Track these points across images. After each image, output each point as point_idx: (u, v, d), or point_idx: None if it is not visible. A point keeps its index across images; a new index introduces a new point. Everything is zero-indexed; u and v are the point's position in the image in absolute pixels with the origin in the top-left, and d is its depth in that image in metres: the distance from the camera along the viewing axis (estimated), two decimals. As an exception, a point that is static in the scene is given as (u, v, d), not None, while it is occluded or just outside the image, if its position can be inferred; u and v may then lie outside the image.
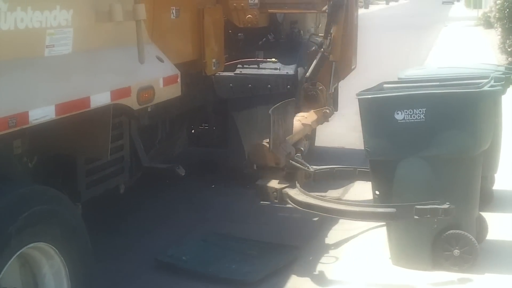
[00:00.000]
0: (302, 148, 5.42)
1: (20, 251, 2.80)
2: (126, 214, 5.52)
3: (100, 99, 3.16)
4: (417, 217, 4.21)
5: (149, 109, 3.93)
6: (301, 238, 5.03)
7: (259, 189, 4.73)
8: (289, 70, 6.19)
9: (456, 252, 4.15)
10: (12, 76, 2.72)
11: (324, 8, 5.94)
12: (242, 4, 5.78)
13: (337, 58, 5.85)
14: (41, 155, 3.50)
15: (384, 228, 4.42)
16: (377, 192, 4.35)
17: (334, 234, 5.18)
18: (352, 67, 6.16)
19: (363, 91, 4.38)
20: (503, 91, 4.63)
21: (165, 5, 4.37)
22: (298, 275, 4.42)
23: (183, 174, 4.58)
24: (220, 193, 6.17)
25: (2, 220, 2.68)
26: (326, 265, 4.50)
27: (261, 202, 4.88)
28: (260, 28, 6.02)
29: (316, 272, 4.40)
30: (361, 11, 23.88)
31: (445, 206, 4.06)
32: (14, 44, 2.73)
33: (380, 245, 4.57)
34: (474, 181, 4.25)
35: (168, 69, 3.87)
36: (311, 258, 4.71)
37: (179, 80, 3.91)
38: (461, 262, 4.14)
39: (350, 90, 8.05)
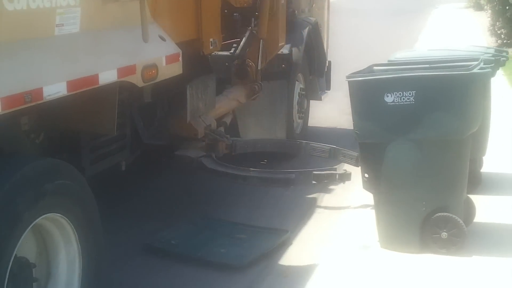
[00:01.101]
0: (226, 121, 5.70)
1: (36, 221, 2.91)
2: (115, 198, 5.49)
3: (108, 76, 3.27)
4: (314, 182, 4.63)
5: (146, 88, 4.02)
6: (290, 222, 5.04)
7: (177, 159, 4.94)
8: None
9: (444, 234, 4.16)
10: (26, 54, 2.81)
11: None
12: None
13: (264, 35, 5.94)
14: (47, 131, 3.59)
15: (373, 211, 4.42)
16: (366, 175, 4.35)
17: (323, 218, 5.19)
18: (280, 44, 6.27)
19: (353, 73, 4.36)
20: (492, 74, 4.62)
21: None
22: (287, 259, 4.43)
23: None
24: (210, 176, 6.15)
25: (20, 190, 2.79)
26: (316, 248, 4.51)
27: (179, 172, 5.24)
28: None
29: (306, 255, 4.41)
30: (351, -6, 23.86)
31: (341, 171, 4.14)
32: (27, 23, 2.82)
33: (368, 228, 4.58)
34: (463, 163, 4.25)
35: (170, 48, 3.96)
36: (300, 241, 4.72)
37: (180, 58, 4.01)
38: (449, 244, 4.16)
39: (340, 73, 8.07)
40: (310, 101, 7.58)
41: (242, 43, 5.91)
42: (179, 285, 4.09)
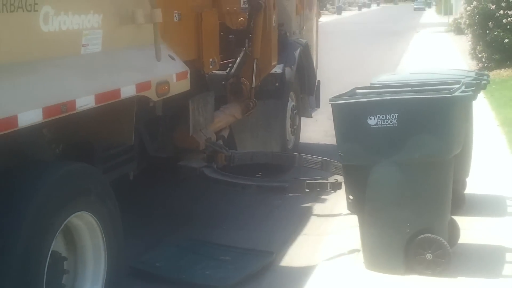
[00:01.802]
0: (224, 135, 6.13)
1: (69, 218, 3.26)
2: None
3: (128, 91, 3.66)
4: (307, 190, 5.11)
5: (151, 104, 4.31)
6: (275, 243, 5.03)
7: (181, 168, 5.36)
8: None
9: (429, 256, 4.17)
10: (60, 70, 3.21)
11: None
12: (235, 8, 6.07)
13: (257, 55, 6.30)
14: (66, 143, 3.88)
15: (358, 232, 4.43)
16: (350, 197, 4.36)
17: (308, 239, 5.19)
18: (272, 63, 6.61)
19: (336, 96, 4.40)
20: (473, 97, 4.68)
21: (169, 9, 4.61)
22: (272, 280, 4.42)
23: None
24: (195, 198, 6.15)
25: (57, 191, 3.15)
26: (300, 270, 4.50)
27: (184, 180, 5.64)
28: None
29: (290, 277, 4.40)
30: (334, 17, 24.10)
31: (333, 180, 4.22)
32: (59, 42, 3.20)
33: (353, 250, 4.59)
34: (446, 185, 4.28)
35: (179, 66, 4.39)
36: (285, 263, 4.71)
37: (188, 76, 4.44)
38: (433, 266, 4.17)
39: (323, 96, 8.16)
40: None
41: (237, 62, 6.21)
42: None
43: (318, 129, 8.84)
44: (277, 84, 6.80)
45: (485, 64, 15.15)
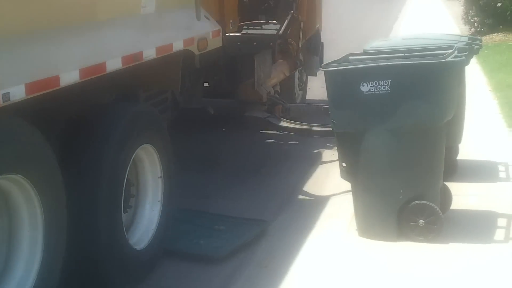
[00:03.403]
0: (278, 90, 6.85)
1: (137, 149, 3.86)
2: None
3: (178, 45, 4.35)
4: None
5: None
6: (269, 212, 5.05)
7: (247, 118, 6.15)
8: None
9: (421, 222, 4.19)
10: (129, 26, 3.88)
11: None
12: None
13: (304, 18, 6.96)
14: (118, 92, 4.24)
15: (351, 200, 4.45)
16: (343, 164, 4.36)
17: (301, 208, 5.21)
18: (317, 26, 7.27)
19: (329, 63, 4.38)
20: (466, 62, 4.66)
21: None
22: (267, 249, 4.44)
23: (212, 113, 5.94)
24: (189, 168, 6.14)
25: (130, 127, 3.76)
26: (294, 238, 4.51)
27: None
28: None
29: (285, 245, 4.42)
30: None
31: None
32: (127, 4, 3.91)
33: (346, 217, 4.61)
34: (439, 151, 4.29)
35: (214, 25, 5.08)
36: (279, 231, 4.73)
37: (221, 34, 5.17)
38: (426, 232, 4.19)
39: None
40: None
41: (284, 25, 6.73)
42: (158, 277, 4.08)
43: (310, 98, 8.80)
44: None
45: (478, 29, 15.07)
